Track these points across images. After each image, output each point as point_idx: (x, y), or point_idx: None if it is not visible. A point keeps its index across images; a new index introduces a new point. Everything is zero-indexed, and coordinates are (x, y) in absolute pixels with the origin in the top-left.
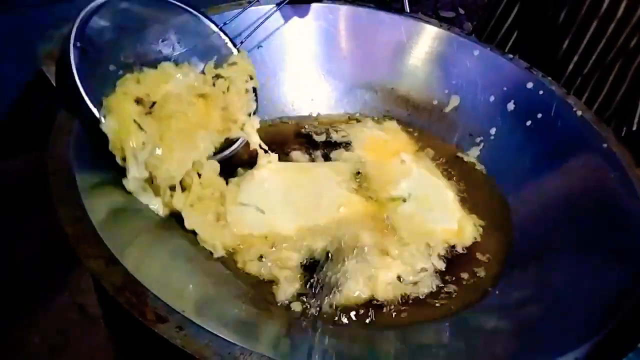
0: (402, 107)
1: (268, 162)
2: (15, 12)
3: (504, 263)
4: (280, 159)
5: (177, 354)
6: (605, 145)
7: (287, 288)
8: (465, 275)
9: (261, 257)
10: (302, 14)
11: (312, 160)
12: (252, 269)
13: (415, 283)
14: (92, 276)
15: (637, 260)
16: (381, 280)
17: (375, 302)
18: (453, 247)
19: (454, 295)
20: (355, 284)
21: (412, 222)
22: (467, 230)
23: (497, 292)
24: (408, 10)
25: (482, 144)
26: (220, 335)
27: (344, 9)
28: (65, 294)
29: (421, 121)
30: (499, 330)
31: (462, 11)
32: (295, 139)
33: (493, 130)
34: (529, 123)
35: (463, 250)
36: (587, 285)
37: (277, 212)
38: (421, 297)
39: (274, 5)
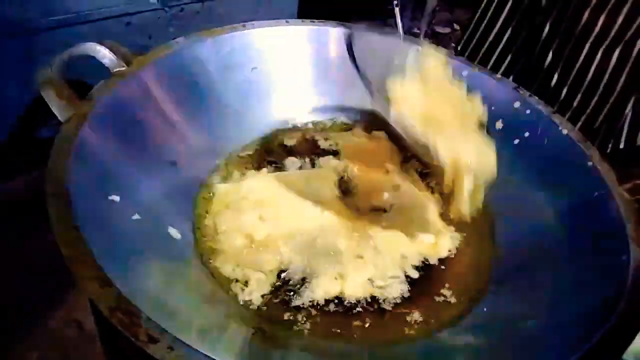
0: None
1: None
2: (22, 37)
3: (486, 277)
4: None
5: None
6: (590, 163)
7: (255, 289)
8: (441, 290)
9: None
10: (295, 36)
11: (301, 167)
12: (226, 272)
13: (384, 287)
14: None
15: (619, 274)
16: (351, 279)
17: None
18: (425, 260)
19: (427, 310)
20: (324, 280)
21: (390, 232)
22: (444, 244)
23: (481, 309)
24: (402, 32)
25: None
26: (211, 356)
27: (335, 31)
28: (63, 311)
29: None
30: (478, 347)
31: (457, 27)
32: (287, 147)
33: None
34: (516, 141)
35: (439, 263)
36: (571, 299)
37: (261, 218)
38: (391, 307)
39: (267, 27)
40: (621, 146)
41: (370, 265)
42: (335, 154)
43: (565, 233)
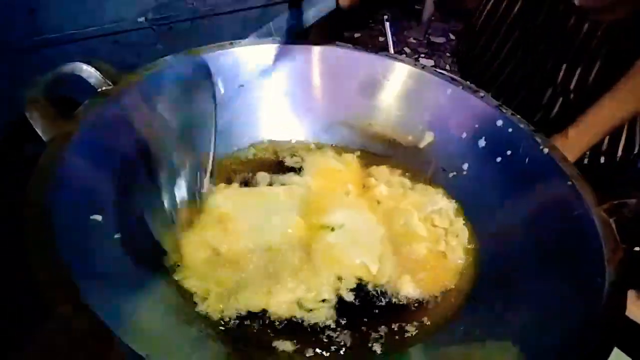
0: (379, 142)
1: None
2: (9, 56)
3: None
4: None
5: None
6: (570, 183)
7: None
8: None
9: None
10: (281, 54)
11: (271, 183)
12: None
13: (310, 310)
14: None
15: (595, 296)
16: (277, 297)
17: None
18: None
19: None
20: (252, 294)
21: (331, 252)
22: (384, 270)
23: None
24: (391, 49)
25: (455, 179)
26: None
27: (319, 49)
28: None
29: (397, 156)
30: None
31: (452, 37)
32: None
33: (465, 166)
34: (499, 159)
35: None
36: (545, 322)
37: (227, 233)
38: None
39: (255, 45)
40: (602, 161)
41: (302, 286)
42: (299, 171)
43: (543, 252)
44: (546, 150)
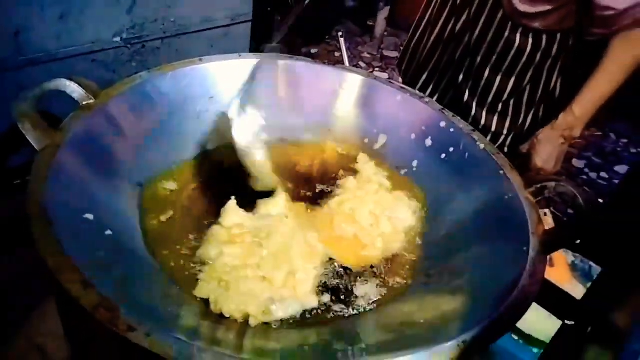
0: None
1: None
2: None
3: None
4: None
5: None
6: (501, 171)
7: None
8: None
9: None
10: (247, 67)
11: None
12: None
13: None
14: (70, 298)
15: (522, 260)
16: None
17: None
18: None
19: None
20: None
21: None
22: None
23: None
24: (347, 63)
25: (406, 175)
26: (181, 338)
27: (282, 63)
28: (24, 336)
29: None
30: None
31: None
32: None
33: (415, 163)
34: (443, 156)
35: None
36: (485, 278)
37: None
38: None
39: (222, 61)
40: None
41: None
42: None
43: (481, 229)
44: (482, 145)
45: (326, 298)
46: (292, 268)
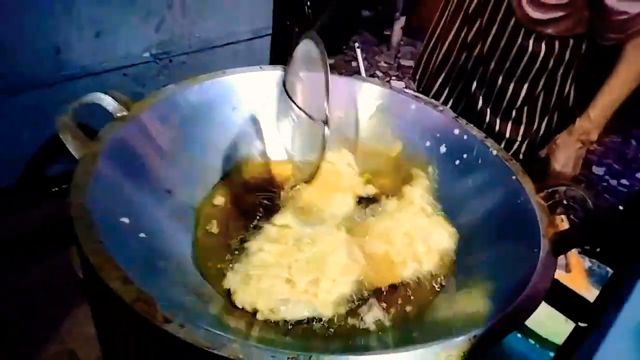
0: (356, 152)
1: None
2: (36, 90)
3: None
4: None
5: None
6: (514, 177)
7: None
8: None
9: None
10: (269, 79)
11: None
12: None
13: None
14: (112, 293)
15: (532, 260)
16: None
17: None
18: None
19: None
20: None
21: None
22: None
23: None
24: (363, 73)
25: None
26: (212, 330)
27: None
28: (57, 341)
29: (372, 163)
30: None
31: None
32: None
33: (430, 169)
34: (457, 162)
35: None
36: (499, 276)
37: None
38: None
39: (244, 73)
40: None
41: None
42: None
43: (494, 231)
44: (495, 152)
45: (342, 309)
46: (320, 276)
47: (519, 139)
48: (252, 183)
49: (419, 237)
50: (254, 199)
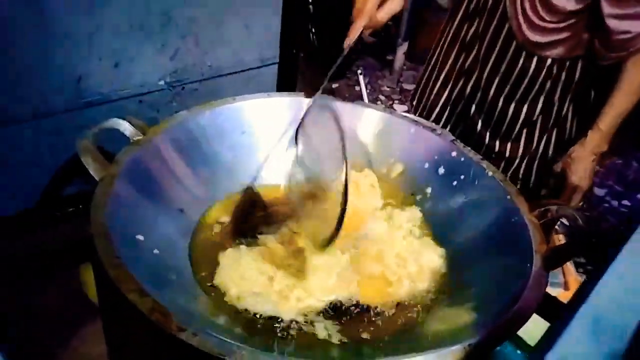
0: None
1: None
2: (58, 115)
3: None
4: None
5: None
6: (509, 197)
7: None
8: None
9: None
10: (276, 105)
11: None
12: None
13: None
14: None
15: (525, 275)
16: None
17: None
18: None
19: None
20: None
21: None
22: None
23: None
24: (366, 99)
25: (421, 200)
26: (223, 338)
27: (306, 101)
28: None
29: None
30: None
31: None
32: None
33: (429, 190)
34: (455, 182)
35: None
36: (493, 290)
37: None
38: None
39: (253, 99)
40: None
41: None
42: None
43: (489, 247)
44: (490, 173)
45: (301, 319)
46: (299, 285)
47: (518, 158)
48: (259, 203)
49: (410, 258)
50: (256, 220)
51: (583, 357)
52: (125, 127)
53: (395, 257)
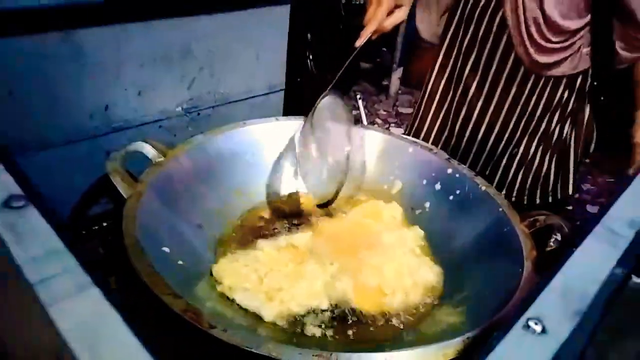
0: (360, 192)
1: None
2: (87, 140)
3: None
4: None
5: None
6: (500, 209)
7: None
8: None
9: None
10: (284, 128)
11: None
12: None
13: None
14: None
15: (516, 279)
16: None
17: None
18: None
19: None
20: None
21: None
22: None
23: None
24: (365, 121)
25: (420, 215)
26: (249, 333)
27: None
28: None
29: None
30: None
31: None
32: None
33: (427, 204)
34: (451, 197)
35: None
36: (486, 292)
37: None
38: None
39: (262, 123)
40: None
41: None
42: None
43: (483, 255)
44: (483, 188)
45: (280, 322)
46: (285, 288)
47: (512, 173)
48: (266, 219)
49: (406, 273)
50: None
51: (555, 313)
52: (148, 149)
53: (394, 271)
